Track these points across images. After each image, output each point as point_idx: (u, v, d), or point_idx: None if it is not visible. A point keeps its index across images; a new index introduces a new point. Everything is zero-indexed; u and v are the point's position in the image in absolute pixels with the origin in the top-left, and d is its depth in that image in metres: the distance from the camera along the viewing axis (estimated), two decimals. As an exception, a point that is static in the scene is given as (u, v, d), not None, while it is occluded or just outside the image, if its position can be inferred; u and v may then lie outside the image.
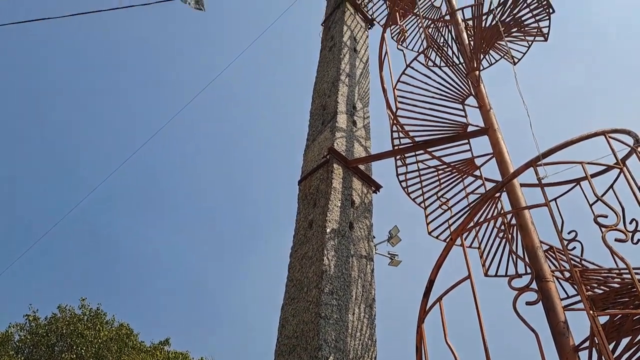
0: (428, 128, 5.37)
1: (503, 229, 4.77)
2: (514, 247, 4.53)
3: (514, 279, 3.15)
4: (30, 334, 13.78)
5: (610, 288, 3.63)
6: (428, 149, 5.39)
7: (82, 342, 13.48)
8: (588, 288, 3.75)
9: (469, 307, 3.07)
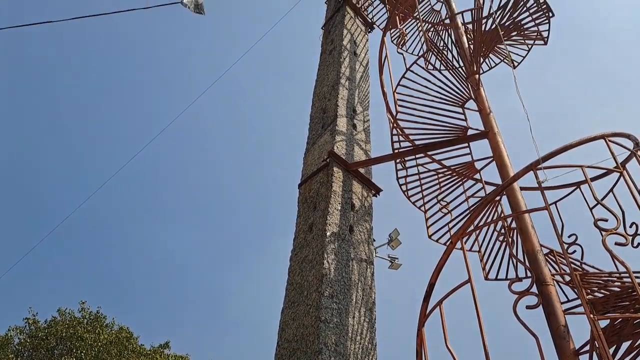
0: (428, 131, 5.37)
1: (503, 233, 4.76)
2: (514, 250, 4.53)
3: (514, 283, 3.15)
4: (30, 337, 13.75)
5: (611, 292, 3.63)
6: (428, 153, 5.39)
7: (81, 345, 13.45)
8: (588, 292, 3.74)
9: (470, 310, 3.07)
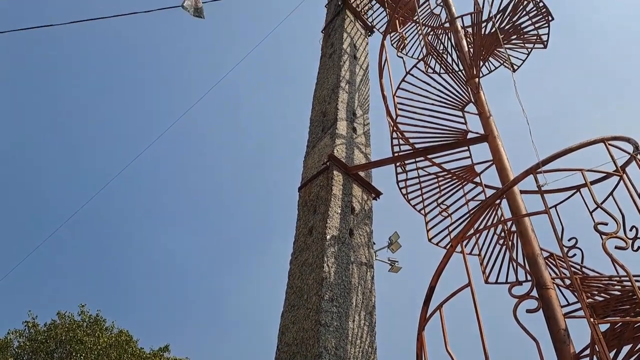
0: (428, 135, 5.38)
1: (503, 236, 4.76)
2: (514, 254, 4.53)
3: (515, 287, 3.14)
4: (30, 341, 13.72)
5: (611, 295, 3.62)
6: (428, 156, 5.39)
7: (81, 348, 13.42)
8: (589, 295, 3.74)
9: (470, 314, 3.07)
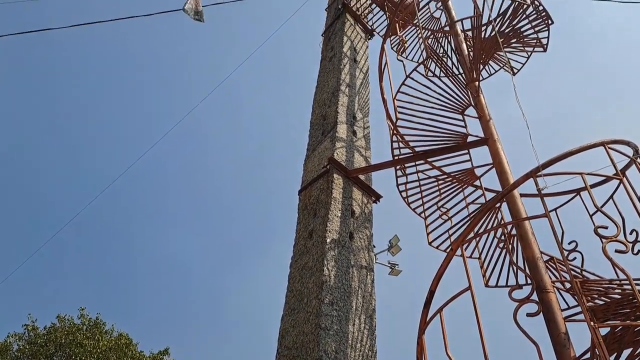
0: (428, 138, 5.38)
1: (503, 240, 4.76)
2: (515, 257, 4.53)
3: (515, 290, 3.14)
4: (29, 344, 13.70)
5: (611, 299, 3.62)
6: (428, 159, 5.39)
7: (81, 352, 13.39)
8: (589, 299, 3.74)
9: (470, 317, 3.07)
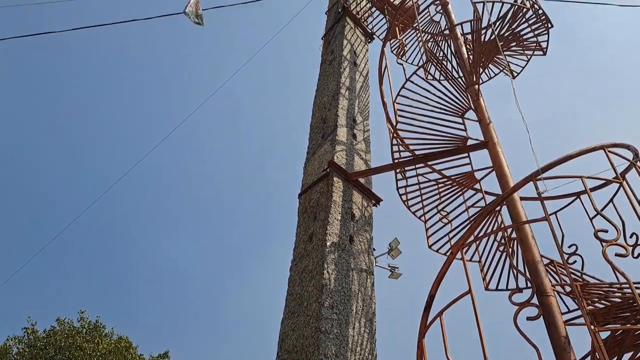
0: (428, 141, 5.38)
1: (503, 243, 4.76)
2: (515, 261, 4.52)
3: (515, 294, 3.14)
4: (29, 347, 13.70)
5: (612, 303, 3.62)
6: (428, 162, 5.39)
7: (80, 355, 13.39)
8: (589, 302, 3.74)
9: (470, 320, 3.06)
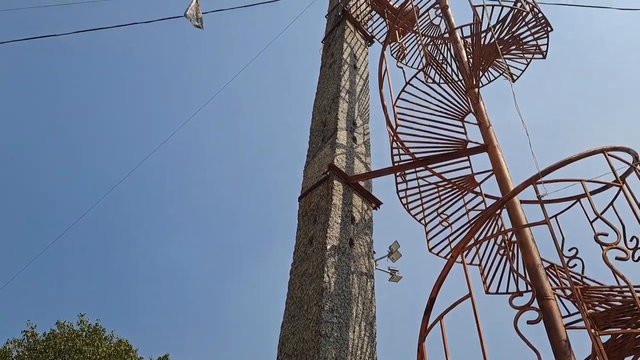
0: (428, 145, 5.38)
1: (504, 246, 4.76)
2: (515, 264, 4.52)
3: (515, 297, 3.14)
4: (28, 350, 13.66)
5: (612, 306, 3.61)
6: (428, 166, 5.39)
7: (80, 358, 13.36)
8: (589, 306, 3.73)
9: (470, 324, 3.06)
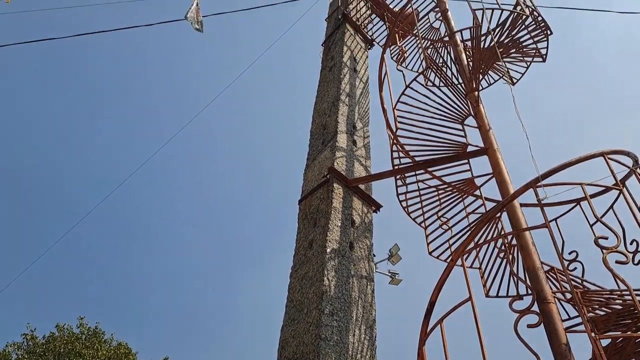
0: (428, 148, 5.39)
1: (504, 250, 4.75)
2: (515, 267, 4.51)
3: (515, 301, 3.13)
4: (28, 353, 13.64)
5: (612, 310, 3.61)
6: (428, 169, 5.39)
7: (79, 361, 13.35)
8: (590, 309, 3.73)
9: (470, 327, 3.06)
